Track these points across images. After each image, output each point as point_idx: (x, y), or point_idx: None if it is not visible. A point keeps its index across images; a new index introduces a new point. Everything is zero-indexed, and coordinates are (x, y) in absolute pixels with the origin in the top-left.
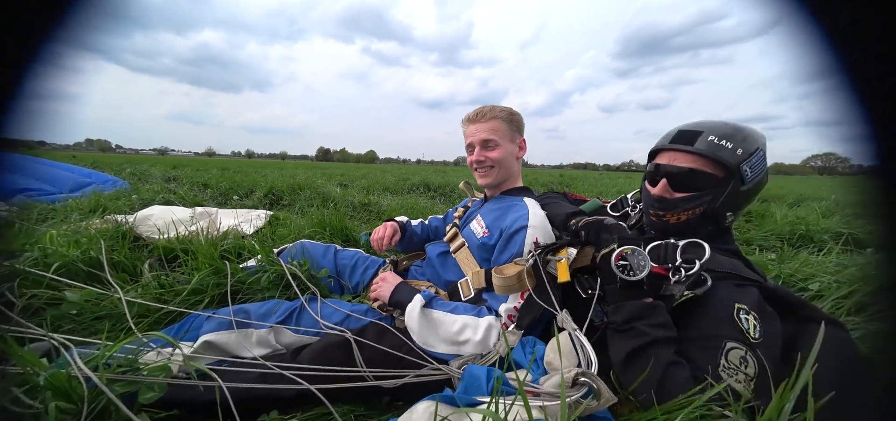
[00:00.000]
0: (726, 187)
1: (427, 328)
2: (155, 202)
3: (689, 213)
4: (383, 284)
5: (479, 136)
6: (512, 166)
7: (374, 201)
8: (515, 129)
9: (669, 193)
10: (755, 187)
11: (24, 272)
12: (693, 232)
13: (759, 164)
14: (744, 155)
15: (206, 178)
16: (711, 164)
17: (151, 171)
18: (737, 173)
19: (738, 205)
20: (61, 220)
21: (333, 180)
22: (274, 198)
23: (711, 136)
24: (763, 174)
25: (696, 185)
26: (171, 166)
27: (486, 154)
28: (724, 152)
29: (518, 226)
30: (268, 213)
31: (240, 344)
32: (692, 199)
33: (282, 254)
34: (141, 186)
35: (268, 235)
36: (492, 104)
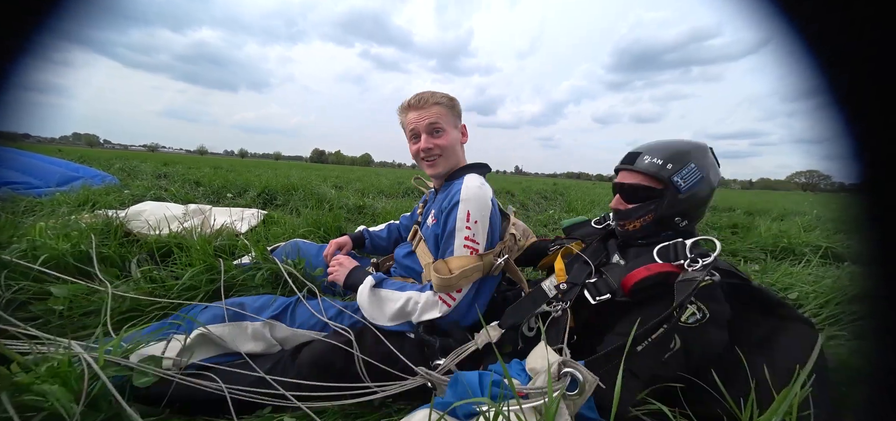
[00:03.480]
0: (665, 197)
1: (375, 306)
2: (146, 198)
3: (641, 220)
4: (339, 269)
5: (424, 122)
6: (458, 153)
7: (369, 204)
8: (456, 115)
9: (623, 205)
10: (694, 195)
11: (12, 264)
12: (654, 236)
13: (692, 175)
14: (674, 169)
15: (199, 175)
16: (649, 179)
17: (141, 168)
18: (670, 185)
19: (683, 210)
20: (49, 213)
21: (328, 182)
22: (268, 197)
23: (647, 156)
24: (698, 183)
25: (639, 196)
26: (161, 163)
27: (434, 141)
28: (656, 169)
29: (451, 204)
30: (262, 212)
31: (235, 337)
32: (639, 208)
33: (275, 252)
34: (131, 182)
35: (262, 234)
36: (431, 90)
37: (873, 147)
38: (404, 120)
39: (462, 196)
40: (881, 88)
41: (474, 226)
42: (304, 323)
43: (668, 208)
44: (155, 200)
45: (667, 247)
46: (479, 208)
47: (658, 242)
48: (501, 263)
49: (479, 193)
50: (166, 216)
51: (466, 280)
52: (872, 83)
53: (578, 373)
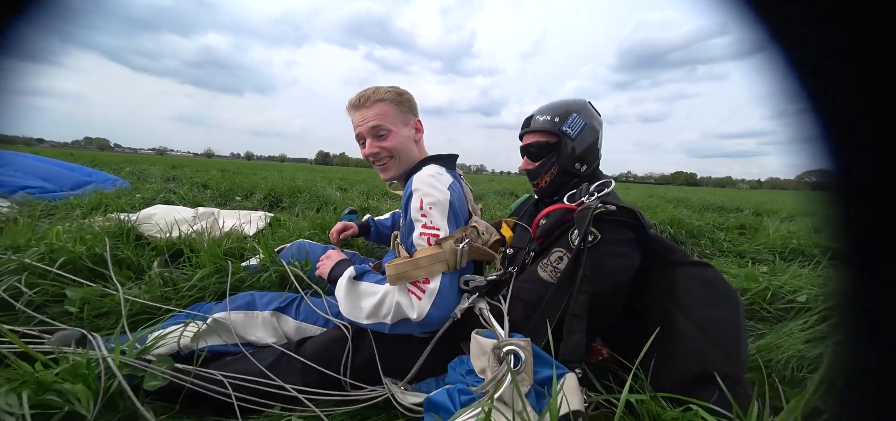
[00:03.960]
0: (561, 146)
1: (352, 300)
2: (156, 201)
3: (549, 174)
4: (326, 262)
5: (367, 125)
6: (411, 152)
7: (374, 206)
8: (407, 109)
9: (531, 164)
10: (583, 139)
11: (31, 267)
12: (564, 187)
13: (577, 122)
14: (560, 121)
15: (206, 178)
16: (545, 134)
17: (151, 171)
18: (562, 135)
19: (579, 155)
20: (64, 217)
21: (333, 184)
22: (274, 200)
23: (538, 115)
24: (584, 130)
25: (541, 152)
26: (170, 166)
27: (380, 145)
28: (548, 124)
29: (408, 195)
30: (268, 214)
31: (246, 325)
32: (545, 163)
33: (282, 253)
34: (141, 186)
35: (268, 236)
36: (376, 85)
37: (845, 144)
38: (352, 120)
39: (413, 186)
40: (853, 86)
41: (430, 212)
42: (308, 317)
43: (566, 156)
44: (165, 204)
45: (574, 192)
46: (433, 194)
47: (569, 191)
48: (464, 248)
49: (431, 180)
50: (177, 219)
51: (425, 271)
52: (845, 83)
53: (517, 347)
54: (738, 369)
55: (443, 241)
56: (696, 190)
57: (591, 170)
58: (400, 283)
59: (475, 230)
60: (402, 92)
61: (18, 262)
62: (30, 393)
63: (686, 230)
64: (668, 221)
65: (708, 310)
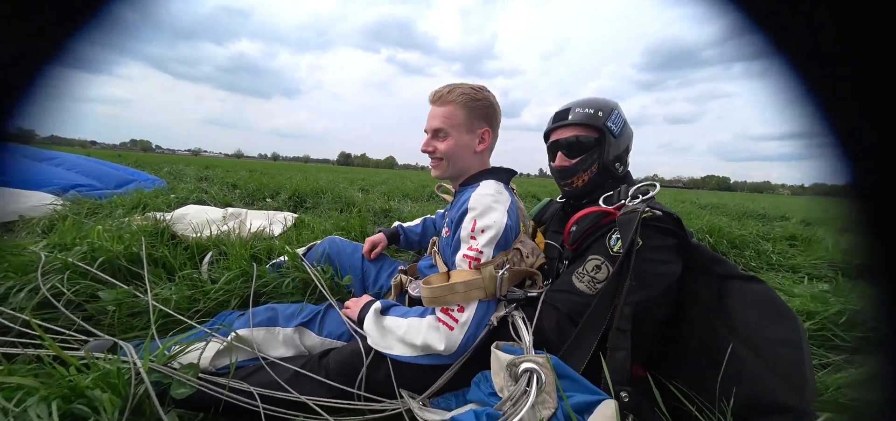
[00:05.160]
0: (604, 142)
1: (380, 335)
2: (189, 201)
3: (588, 172)
4: (354, 306)
5: (432, 123)
6: (466, 161)
7: (395, 207)
8: (477, 116)
9: (567, 161)
10: (624, 138)
11: (72, 266)
12: (600, 188)
13: (619, 119)
14: (604, 116)
15: (236, 178)
16: (586, 129)
17: (186, 171)
18: (605, 130)
19: (619, 154)
20: (107, 215)
21: (355, 185)
22: (298, 200)
23: (578, 108)
24: (624, 128)
25: (582, 147)
26: (203, 167)
27: (435, 144)
28: (590, 117)
29: (460, 213)
30: (293, 215)
31: (267, 341)
32: (585, 159)
33: (312, 251)
34: (177, 185)
35: (293, 238)
36: (459, 82)
37: (853, 145)
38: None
39: (470, 204)
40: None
41: (480, 236)
42: (332, 332)
43: (608, 154)
44: (197, 204)
45: (609, 194)
46: (488, 218)
47: (604, 192)
48: (504, 275)
49: (490, 201)
50: (208, 220)
51: (461, 296)
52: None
53: (535, 364)
54: (804, 402)
55: (483, 266)
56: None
57: (624, 171)
58: (434, 305)
59: (518, 253)
60: (479, 97)
61: (63, 260)
62: (60, 402)
63: (727, 240)
64: (706, 229)
65: (762, 329)
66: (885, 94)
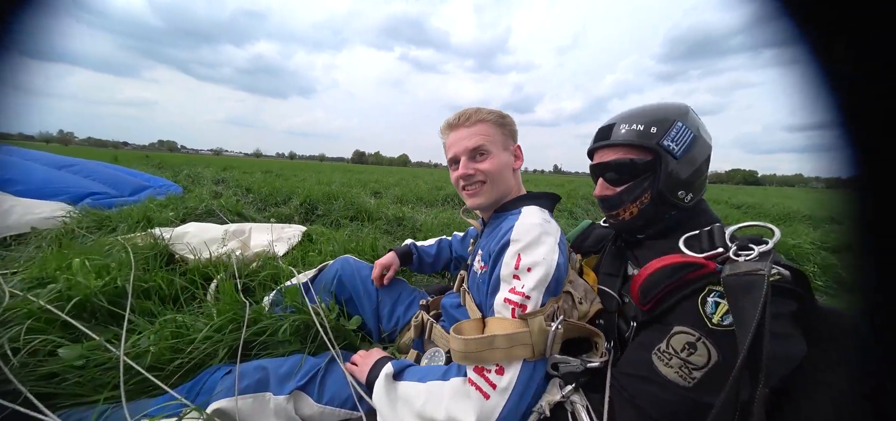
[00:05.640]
0: (659, 167)
1: (391, 408)
2: (199, 210)
3: (637, 203)
4: (362, 363)
5: (464, 144)
6: (507, 181)
7: (408, 215)
8: (508, 134)
9: (611, 189)
10: (692, 158)
11: (39, 312)
12: (656, 222)
13: (683, 134)
14: (660, 132)
15: (251, 181)
16: (634, 150)
17: (204, 174)
18: (661, 150)
19: (685, 180)
20: (110, 230)
21: (367, 188)
22: (309, 207)
23: (623, 124)
24: (694, 144)
25: (628, 173)
26: (221, 168)
27: (476, 166)
28: (639, 135)
29: (500, 244)
30: (301, 229)
31: (255, 413)
32: (632, 188)
33: (321, 275)
34: (193, 189)
35: (299, 259)
36: (476, 107)
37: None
38: (445, 142)
39: (513, 235)
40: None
41: (526, 276)
42: (334, 397)
43: (666, 181)
44: (207, 214)
45: (696, 235)
46: (537, 254)
47: (672, 229)
48: (557, 329)
49: (537, 232)
50: (207, 240)
51: (502, 354)
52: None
53: None
54: None
55: (531, 315)
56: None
57: (696, 200)
58: (466, 363)
59: (569, 298)
60: (504, 115)
61: (29, 307)
62: None
63: (780, 251)
64: None
65: None
66: None
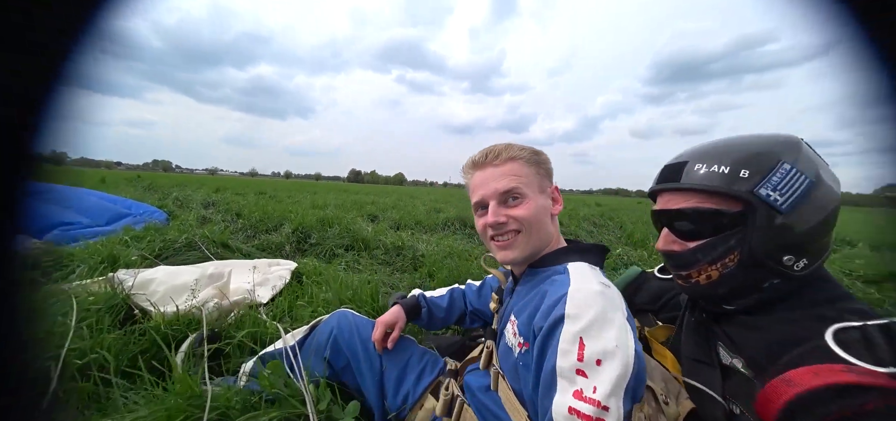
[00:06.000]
0: (753, 223)
1: None
2: (178, 243)
3: (716, 267)
4: None
5: (494, 186)
6: (547, 230)
7: (408, 243)
8: (544, 174)
9: (680, 245)
10: (807, 211)
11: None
12: (746, 292)
13: (792, 180)
14: (755, 176)
15: (242, 204)
16: (715, 199)
17: (194, 197)
18: (757, 202)
19: (793, 242)
20: (68, 274)
21: (363, 210)
22: (302, 235)
23: (698, 163)
24: (808, 190)
25: (704, 229)
26: (214, 189)
27: (508, 212)
28: (722, 181)
29: (551, 320)
30: (290, 267)
31: None
32: (708, 248)
33: (314, 334)
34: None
35: (285, 308)
36: (507, 142)
37: None
38: (469, 183)
39: (568, 309)
40: None
41: (596, 372)
42: None
43: (765, 241)
44: (186, 249)
45: (861, 329)
46: (604, 337)
47: (773, 301)
48: None
49: (600, 306)
50: (176, 288)
51: None
52: None
53: None
54: None
55: None
56: None
57: (811, 269)
58: None
59: (651, 396)
60: (539, 152)
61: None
62: None
63: None
64: None
65: None
66: None
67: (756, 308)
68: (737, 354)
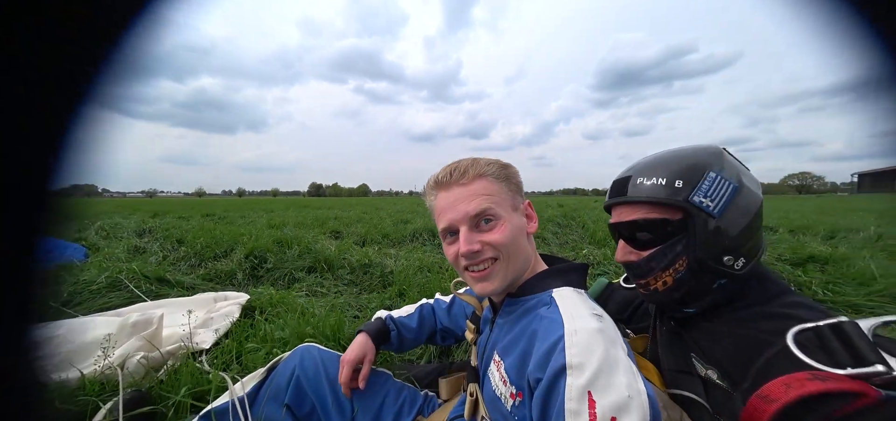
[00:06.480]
0: (692, 228)
1: None
2: (97, 283)
3: (669, 273)
4: None
5: (464, 209)
6: (525, 251)
7: (376, 260)
8: (516, 189)
9: (635, 254)
10: (735, 213)
11: None
12: (700, 295)
13: (718, 186)
14: (687, 185)
15: (184, 230)
16: (659, 209)
17: (124, 225)
18: (693, 209)
19: (729, 243)
20: None
21: (326, 227)
22: (256, 260)
23: (641, 176)
24: (735, 196)
25: (653, 238)
26: (151, 214)
27: (483, 238)
28: (662, 192)
29: (551, 373)
30: (240, 299)
31: None
32: (660, 255)
33: (272, 377)
34: (100, 251)
35: (233, 352)
36: (473, 158)
37: None
38: (433, 205)
39: (569, 357)
40: None
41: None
42: None
43: (705, 244)
44: (108, 290)
45: (815, 331)
46: (615, 383)
47: (727, 302)
48: None
49: (601, 345)
50: (84, 345)
51: None
52: None
53: None
54: None
55: None
56: None
57: (749, 266)
58: None
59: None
60: (507, 165)
61: None
62: None
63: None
64: None
65: None
66: None
67: (712, 311)
68: (710, 366)
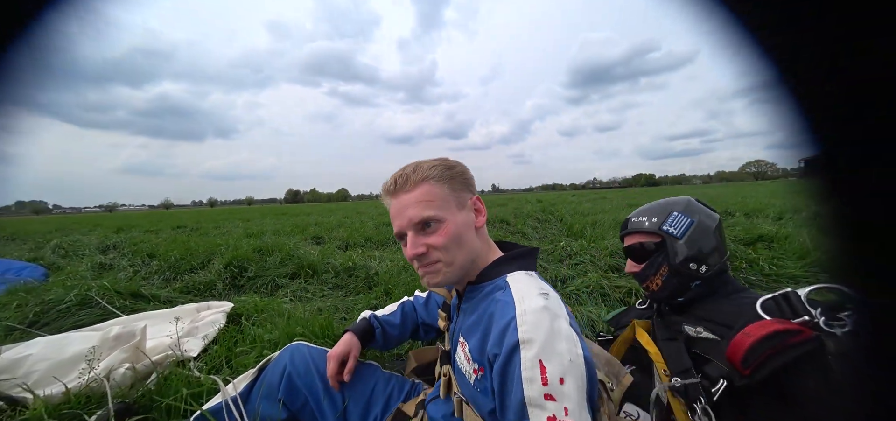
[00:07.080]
0: (666, 247)
1: None
2: (66, 302)
3: (659, 275)
4: None
5: (408, 215)
6: (472, 245)
7: (360, 263)
8: (461, 186)
9: (636, 267)
10: (693, 237)
11: None
12: (682, 290)
13: (679, 220)
14: (659, 221)
15: (155, 244)
16: (644, 236)
17: (84, 241)
18: (664, 234)
19: (693, 255)
20: None
21: (306, 233)
22: (236, 269)
23: (634, 218)
24: (689, 226)
25: (645, 254)
26: (115, 229)
27: (428, 241)
28: (644, 225)
29: (506, 349)
30: (224, 307)
31: None
32: (650, 265)
33: (264, 375)
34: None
35: (223, 357)
36: (416, 162)
37: (825, 117)
38: (389, 210)
39: (522, 334)
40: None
41: (562, 391)
42: None
43: (676, 257)
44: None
45: (773, 299)
46: (558, 352)
47: (703, 296)
48: None
49: (546, 321)
50: (63, 363)
51: None
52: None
53: None
54: None
55: None
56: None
57: (713, 271)
58: None
59: (602, 389)
60: (452, 164)
61: None
62: None
63: None
64: None
65: None
66: None
67: (698, 301)
68: (700, 324)
